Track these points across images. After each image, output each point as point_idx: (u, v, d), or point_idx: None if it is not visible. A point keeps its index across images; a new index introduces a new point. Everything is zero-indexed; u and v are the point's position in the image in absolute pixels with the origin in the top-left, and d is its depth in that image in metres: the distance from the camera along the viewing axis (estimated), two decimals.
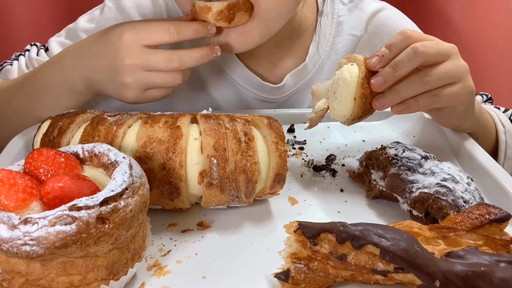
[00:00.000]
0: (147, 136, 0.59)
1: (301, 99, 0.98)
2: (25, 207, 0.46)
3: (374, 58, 0.63)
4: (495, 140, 0.85)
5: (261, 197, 0.64)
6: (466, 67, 0.68)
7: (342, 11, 0.97)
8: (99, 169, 0.54)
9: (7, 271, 0.45)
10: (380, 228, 0.48)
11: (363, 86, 0.62)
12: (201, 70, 0.95)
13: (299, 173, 0.74)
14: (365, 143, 0.84)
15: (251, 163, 0.59)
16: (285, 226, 0.51)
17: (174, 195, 0.59)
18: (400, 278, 0.48)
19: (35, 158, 0.50)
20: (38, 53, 0.95)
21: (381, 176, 0.67)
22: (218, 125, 0.60)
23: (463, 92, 0.67)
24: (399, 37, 0.64)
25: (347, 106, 0.63)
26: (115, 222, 0.46)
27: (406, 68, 0.63)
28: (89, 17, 0.96)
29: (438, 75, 0.64)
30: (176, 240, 0.59)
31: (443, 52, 0.65)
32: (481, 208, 0.52)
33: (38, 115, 0.76)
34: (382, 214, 0.65)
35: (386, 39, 0.66)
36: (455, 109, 0.71)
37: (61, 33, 0.97)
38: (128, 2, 0.93)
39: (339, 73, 0.64)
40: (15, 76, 0.93)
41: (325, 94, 0.67)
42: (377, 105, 0.63)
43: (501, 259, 0.47)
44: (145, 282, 0.52)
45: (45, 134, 0.64)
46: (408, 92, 0.64)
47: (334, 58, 0.97)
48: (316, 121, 0.69)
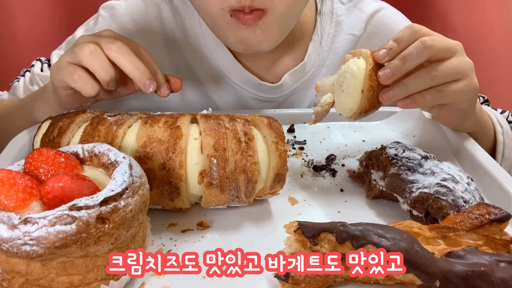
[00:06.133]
0: (147, 136, 0.59)
1: (300, 98, 0.98)
2: (25, 207, 0.46)
3: (381, 50, 0.63)
4: (493, 141, 0.85)
5: (261, 197, 0.64)
6: (471, 64, 0.68)
7: (341, 11, 0.97)
8: (99, 169, 0.54)
9: (7, 271, 0.45)
10: (380, 228, 0.48)
11: (371, 78, 0.62)
12: (198, 72, 0.95)
13: (299, 173, 0.74)
14: (365, 143, 0.84)
15: (251, 163, 0.59)
16: (285, 226, 0.51)
17: (174, 195, 0.59)
18: (400, 278, 0.48)
19: (35, 158, 0.50)
20: (42, 68, 0.96)
21: (381, 176, 0.67)
22: (218, 125, 0.60)
23: (468, 89, 0.67)
24: (407, 31, 0.64)
25: (354, 99, 0.62)
26: (115, 222, 0.46)
27: (414, 61, 0.63)
28: (86, 28, 0.96)
29: (445, 71, 0.64)
30: (176, 240, 0.59)
31: (450, 47, 0.65)
32: (481, 208, 0.52)
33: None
34: (382, 214, 0.65)
35: (385, 39, 0.66)
36: (458, 106, 0.71)
37: (62, 46, 0.98)
38: (122, 10, 0.93)
39: (345, 66, 0.63)
40: (21, 92, 0.95)
41: (330, 89, 0.67)
42: (384, 98, 0.63)
43: (501, 259, 0.47)
44: (145, 282, 0.52)
45: (45, 134, 0.64)
46: (415, 86, 0.64)
47: (333, 57, 0.97)
48: (322, 115, 0.68)
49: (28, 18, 1.35)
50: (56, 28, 1.38)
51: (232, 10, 0.73)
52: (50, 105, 0.77)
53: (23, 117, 0.83)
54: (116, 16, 0.93)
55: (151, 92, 0.69)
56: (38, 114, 0.80)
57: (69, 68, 0.68)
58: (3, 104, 0.93)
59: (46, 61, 0.98)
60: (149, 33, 0.93)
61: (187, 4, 0.91)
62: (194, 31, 0.94)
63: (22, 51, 1.36)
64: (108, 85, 0.68)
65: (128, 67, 0.68)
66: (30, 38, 1.36)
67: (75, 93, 0.71)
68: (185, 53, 0.95)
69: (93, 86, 0.67)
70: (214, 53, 0.93)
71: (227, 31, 0.77)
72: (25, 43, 1.36)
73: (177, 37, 0.95)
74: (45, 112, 0.76)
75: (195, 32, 0.94)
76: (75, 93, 0.71)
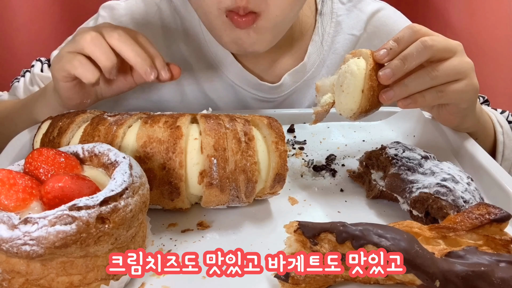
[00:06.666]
0: (147, 136, 0.59)
1: (300, 98, 0.98)
2: (25, 207, 0.46)
3: (382, 50, 0.63)
4: (493, 141, 0.85)
5: (261, 197, 0.64)
6: (471, 64, 0.68)
7: (341, 11, 0.97)
8: (99, 169, 0.54)
9: (7, 271, 0.45)
10: (380, 228, 0.48)
11: (371, 78, 0.62)
12: (198, 72, 0.95)
13: (299, 173, 0.74)
14: (365, 143, 0.84)
15: (251, 163, 0.59)
16: (285, 226, 0.51)
17: (174, 195, 0.59)
18: (400, 278, 0.48)
19: (35, 158, 0.50)
20: (42, 68, 0.96)
21: (381, 176, 0.67)
22: (218, 125, 0.60)
23: (468, 89, 0.67)
24: (407, 31, 0.64)
25: (354, 98, 0.63)
26: (115, 222, 0.46)
27: (414, 61, 0.63)
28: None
29: (445, 71, 0.65)
30: (176, 240, 0.59)
31: (450, 47, 0.65)
32: (481, 208, 0.52)
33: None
34: (382, 214, 0.65)
35: (385, 39, 0.66)
36: (458, 106, 0.71)
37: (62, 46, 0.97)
38: (121, 10, 0.93)
39: (346, 66, 0.63)
40: (21, 92, 0.95)
41: (330, 89, 0.67)
42: (385, 98, 0.63)
43: (501, 259, 0.47)
44: (145, 282, 0.52)
45: (45, 134, 0.64)
46: (416, 86, 0.64)
47: (333, 57, 0.97)
48: (322, 115, 0.68)
49: (28, 18, 1.35)
50: (56, 29, 1.38)
51: (228, 11, 0.73)
52: (51, 105, 0.77)
53: (24, 118, 0.83)
54: (116, 16, 0.93)
55: (152, 79, 0.69)
56: (38, 115, 0.80)
57: (69, 56, 0.68)
58: (3, 105, 0.93)
59: (46, 61, 0.98)
60: (148, 33, 0.93)
61: (186, 4, 0.91)
62: (194, 31, 0.94)
63: (22, 52, 1.36)
64: (110, 73, 0.68)
65: (129, 54, 0.68)
66: (30, 38, 1.36)
67: (75, 85, 0.71)
68: (185, 52, 0.95)
69: (94, 72, 0.67)
70: (214, 53, 0.93)
71: (222, 31, 0.77)
72: (25, 43, 1.36)
73: (177, 36, 0.95)
74: (46, 112, 0.76)
75: (194, 32, 0.94)
76: (75, 86, 0.72)
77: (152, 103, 0.97)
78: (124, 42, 0.68)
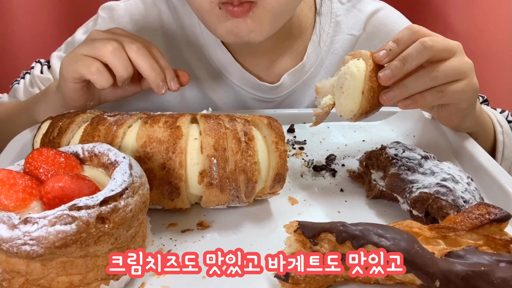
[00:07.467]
0: (147, 136, 0.59)
1: (299, 98, 0.98)
2: (25, 207, 0.46)
3: (381, 51, 0.63)
4: (493, 141, 0.85)
5: (261, 197, 0.64)
6: (471, 64, 0.68)
7: (340, 11, 0.97)
8: (99, 169, 0.54)
9: (7, 271, 0.45)
10: (380, 228, 0.48)
11: (371, 79, 0.62)
12: (198, 73, 0.95)
13: (299, 173, 0.74)
14: (365, 143, 0.84)
15: (251, 163, 0.59)
16: (285, 226, 0.51)
17: (174, 195, 0.59)
18: (400, 278, 0.48)
19: (35, 158, 0.50)
20: (42, 70, 0.96)
21: (381, 176, 0.67)
22: (218, 125, 0.60)
23: (468, 89, 0.67)
24: (406, 32, 0.64)
25: (355, 100, 0.63)
26: (115, 222, 0.46)
27: (414, 62, 0.63)
28: (85, 29, 0.97)
29: (445, 71, 0.65)
30: (176, 240, 0.59)
31: (449, 48, 0.65)
32: (481, 208, 0.52)
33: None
34: (382, 214, 0.65)
35: (385, 39, 0.66)
36: (458, 106, 0.71)
37: (61, 47, 0.98)
38: (121, 11, 0.93)
39: (345, 68, 0.63)
40: (21, 94, 0.95)
41: (330, 90, 0.67)
42: (385, 99, 0.63)
43: (501, 259, 0.47)
44: (145, 282, 0.52)
45: (45, 134, 0.64)
46: (416, 86, 0.64)
47: (332, 57, 0.97)
48: (322, 117, 0.68)
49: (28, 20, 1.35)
50: (55, 30, 1.38)
51: (221, 3, 0.73)
52: (52, 106, 0.78)
53: (25, 119, 0.83)
54: (115, 17, 0.93)
55: (163, 93, 0.73)
56: (39, 115, 0.80)
57: (86, 60, 0.70)
58: (4, 107, 0.93)
59: (45, 63, 0.98)
60: (148, 34, 0.93)
61: (186, 5, 0.91)
62: (193, 31, 0.94)
63: (22, 53, 1.36)
64: (123, 82, 0.72)
65: (146, 68, 0.71)
66: (30, 40, 1.36)
67: (83, 87, 0.73)
68: (185, 53, 0.95)
69: (108, 80, 0.70)
70: (213, 53, 0.93)
71: (216, 24, 0.76)
72: (25, 45, 1.36)
73: (176, 37, 0.95)
74: (47, 112, 0.76)
75: (194, 32, 0.94)
76: (83, 88, 0.73)
77: (152, 103, 0.97)
78: (141, 55, 0.71)
